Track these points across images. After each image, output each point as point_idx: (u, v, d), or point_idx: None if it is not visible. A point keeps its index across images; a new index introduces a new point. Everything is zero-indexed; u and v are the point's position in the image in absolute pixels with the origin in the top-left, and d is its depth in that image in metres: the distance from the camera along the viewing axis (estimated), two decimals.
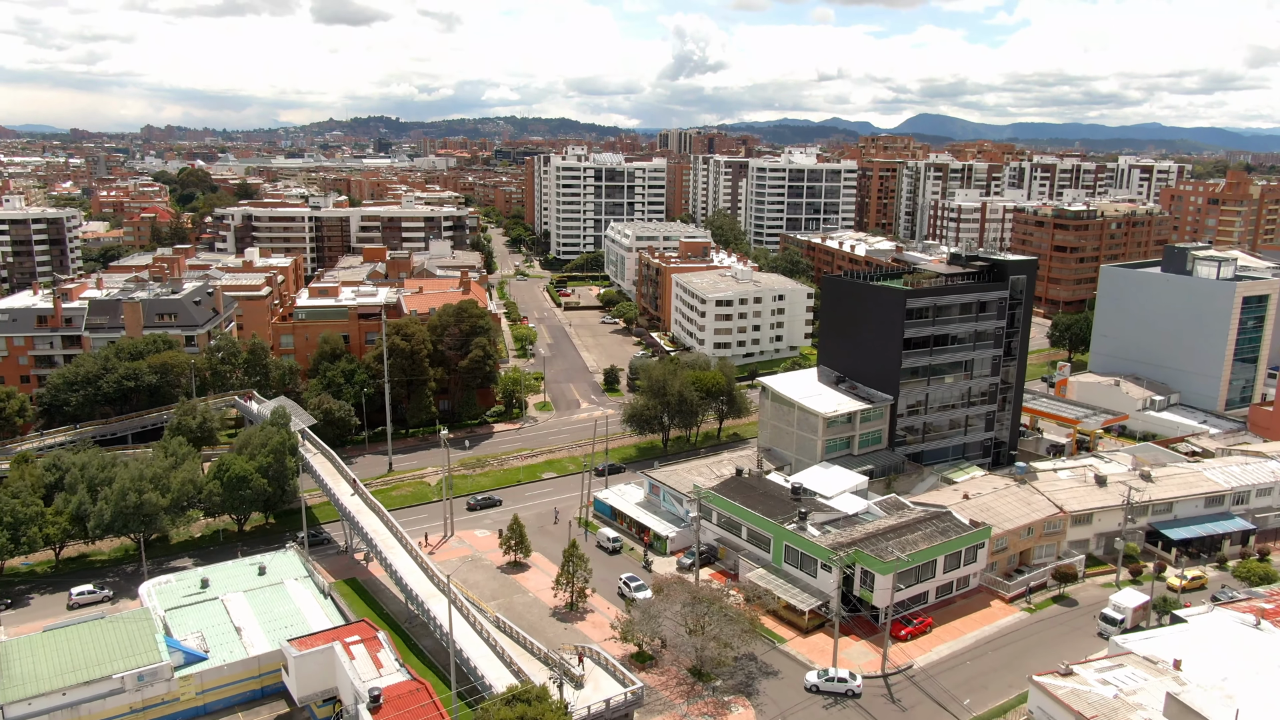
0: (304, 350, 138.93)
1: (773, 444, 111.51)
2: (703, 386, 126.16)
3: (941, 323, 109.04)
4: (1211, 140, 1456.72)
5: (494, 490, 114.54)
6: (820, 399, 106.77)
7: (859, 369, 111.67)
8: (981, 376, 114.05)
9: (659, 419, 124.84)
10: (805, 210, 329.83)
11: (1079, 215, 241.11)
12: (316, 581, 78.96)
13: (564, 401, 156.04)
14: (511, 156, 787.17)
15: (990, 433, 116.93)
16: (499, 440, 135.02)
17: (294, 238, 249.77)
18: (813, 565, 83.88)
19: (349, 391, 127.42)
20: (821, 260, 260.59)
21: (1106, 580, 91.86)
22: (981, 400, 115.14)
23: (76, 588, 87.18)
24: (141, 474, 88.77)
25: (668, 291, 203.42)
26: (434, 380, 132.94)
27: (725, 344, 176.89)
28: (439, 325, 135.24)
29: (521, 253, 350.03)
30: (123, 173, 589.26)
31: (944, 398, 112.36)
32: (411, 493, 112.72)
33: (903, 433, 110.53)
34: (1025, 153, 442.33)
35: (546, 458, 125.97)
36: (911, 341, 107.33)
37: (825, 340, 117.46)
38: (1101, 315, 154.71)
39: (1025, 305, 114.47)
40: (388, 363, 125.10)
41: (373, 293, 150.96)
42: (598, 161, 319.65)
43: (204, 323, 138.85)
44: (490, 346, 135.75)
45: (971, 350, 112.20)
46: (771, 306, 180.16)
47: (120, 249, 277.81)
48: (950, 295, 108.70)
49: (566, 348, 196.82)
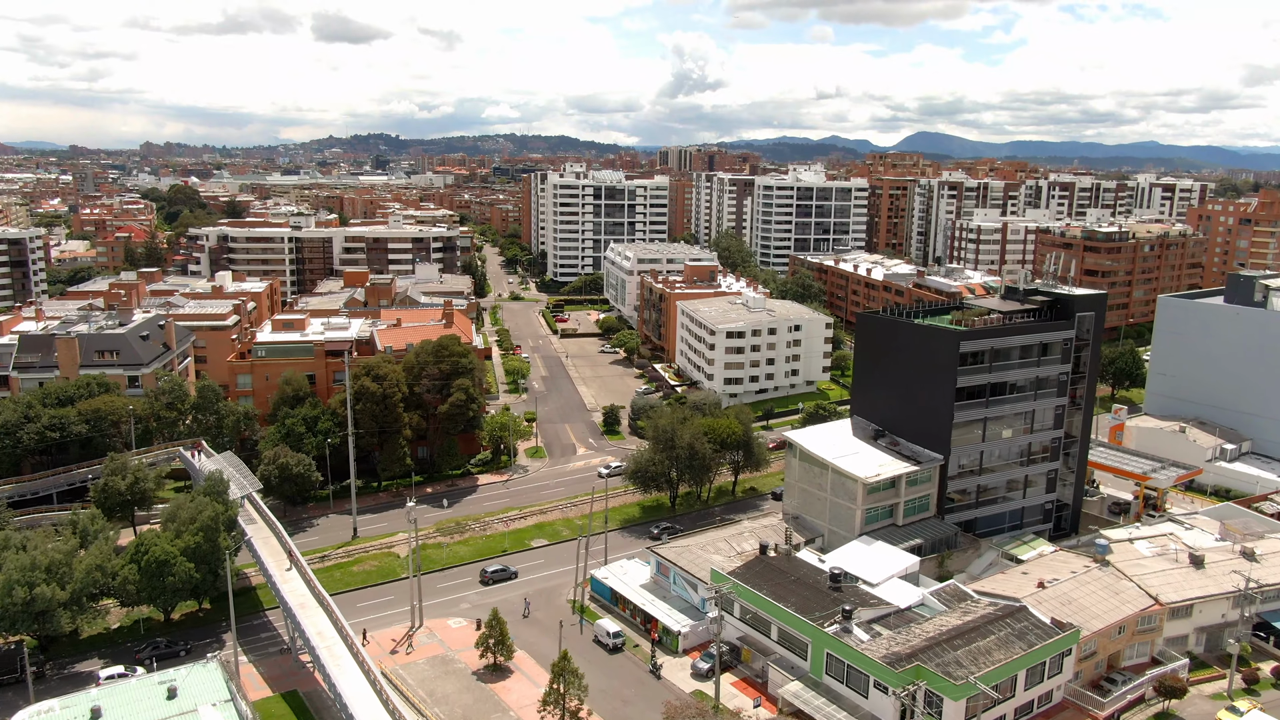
0: (264, 392, 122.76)
1: (801, 511, 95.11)
2: (716, 437, 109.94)
3: (1000, 368, 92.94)
4: (1209, 158, 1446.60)
5: (478, 562, 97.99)
6: (858, 459, 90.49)
7: (901, 421, 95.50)
8: (1043, 430, 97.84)
9: (666, 475, 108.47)
10: (814, 230, 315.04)
11: (1110, 237, 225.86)
12: (240, 710, 62.37)
13: (559, 446, 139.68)
14: (510, 174, 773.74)
15: (1051, 494, 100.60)
16: (484, 496, 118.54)
17: (273, 260, 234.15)
18: (862, 681, 67.41)
19: (310, 442, 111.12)
20: (835, 284, 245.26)
21: (1216, 690, 75.34)
22: (1043, 457, 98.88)
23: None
24: (35, 562, 72.33)
25: (672, 320, 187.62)
26: (409, 428, 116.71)
27: (736, 379, 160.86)
28: (416, 365, 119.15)
29: (517, 274, 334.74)
30: (111, 189, 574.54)
31: (1001, 456, 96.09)
32: (377, 568, 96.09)
33: (953, 496, 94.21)
34: (1039, 170, 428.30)
35: (536, 519, 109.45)
36: (965, 390, 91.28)
37: (860, 386, 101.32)
38: (1159, 351, 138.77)
39: (1093, 348, 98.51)
40: (354, 409, 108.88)
41: (344, 325, 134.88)
42: (597, 179, 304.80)
43: (151, 361, 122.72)
44: (474, 388, 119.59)
45: (1033, 400, 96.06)
46: (787, 338, 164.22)
47: (91, 271, 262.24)
48: (1010, 336, 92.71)
49: (562, 381, 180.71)
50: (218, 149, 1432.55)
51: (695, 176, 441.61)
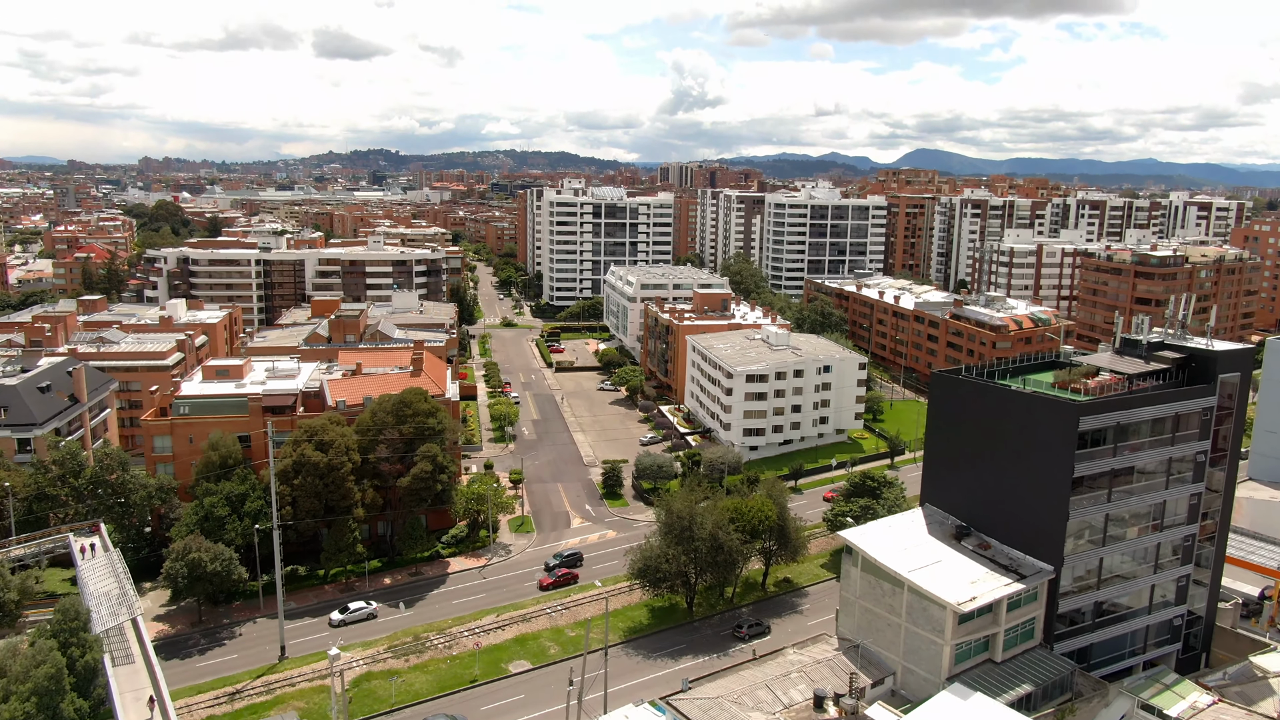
0: (188, 457, 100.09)
1: (864, 636, 72.29)
2: (745, 523, 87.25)
3: (1125, 449, 70.57)
4: (1208, 176, 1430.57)
5: (439, 699, 75.10)
6: (942, 573, 67.86)
7: (992, 515, 72.97)
8: (1174, 525, 75.27)
9: (683, 575, 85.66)
10: (829, 251, 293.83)
11: (1165, 261, 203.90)
12: None
13: (549, 515, 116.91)
14: (508, 190, 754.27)
15: (1181, 606, 77.89)
16: (455, 588, 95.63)
17: (238, 284, 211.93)
18: None
19: (234, 527, 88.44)
20: (857, 313, 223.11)
21: None
22: (1172, 560, 76.31)
23: None
24: None
25: (681, 356, 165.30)
26: (361, 506, 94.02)
27: (757, 430, 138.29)
28: (372, 426, 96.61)
29: (511, 296, 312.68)
30: (92, 205, 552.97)
31: (1125, 561, 73.52)
32: (303, 711, 72.86)
33: (1064, 617, 71.55)
34: (1061, 188, 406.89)
35: (518, 629, 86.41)
36: (1080, 479, 68.88)
37: (936, 466, 78.72)
38: (1267, 404, 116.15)
39: (1236, 419, 76.18)
40: (293, 484, 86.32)
41: (292, 372, 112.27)
42: (596, 196, 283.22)
43: (48, 419, 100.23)
44: (444, 455, 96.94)
45: (1164, 489, 73.64)
46: (815, 381, 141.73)
47: (46, 294, 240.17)
48: (1140, 408, 70.32)
49: (556, 425, 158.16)
50: (216, 164, 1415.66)
51: (700, 194, 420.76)
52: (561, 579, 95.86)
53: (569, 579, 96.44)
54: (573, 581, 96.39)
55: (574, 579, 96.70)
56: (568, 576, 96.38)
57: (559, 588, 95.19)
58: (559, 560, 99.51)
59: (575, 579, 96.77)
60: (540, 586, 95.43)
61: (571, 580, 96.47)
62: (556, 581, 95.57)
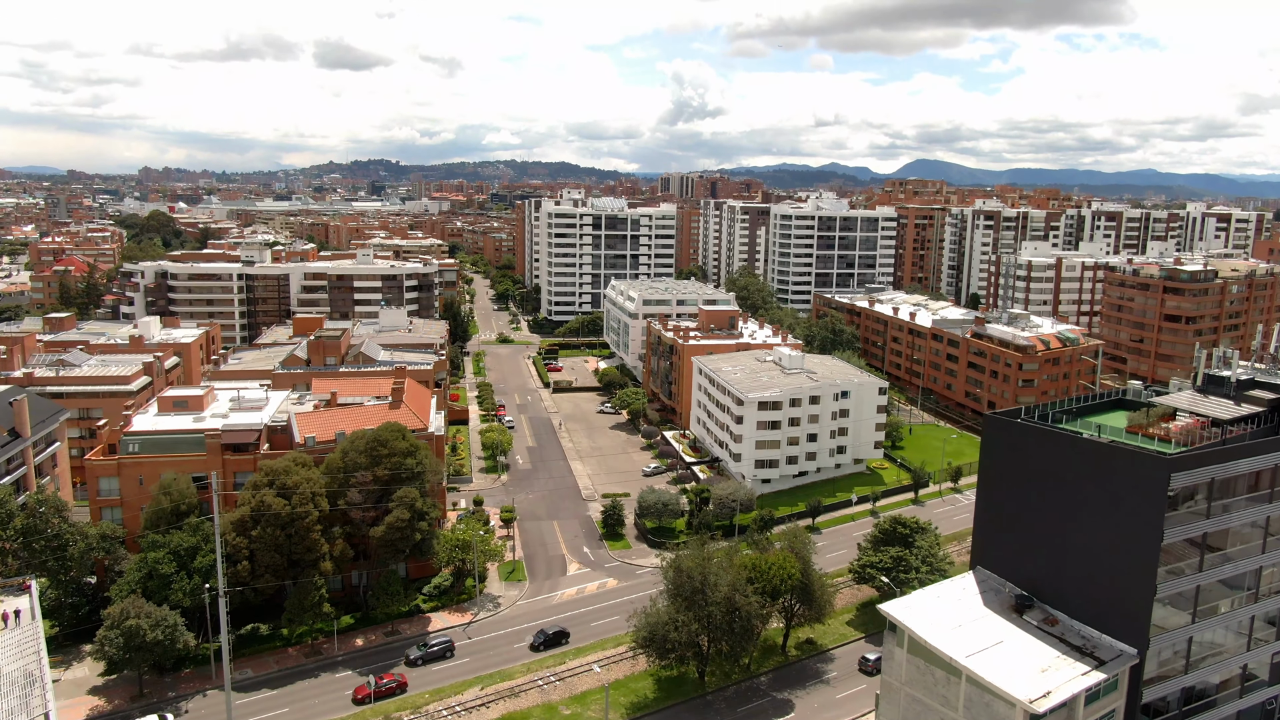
0: (137, 501, 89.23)
1: None
2: (765, 583, 76.30)
3: (1220, 510, 59.79)
4: (1207, 186, 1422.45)
5: None
6: (1004, 658, 56.93)
7: (1060, 584, 62.07)
8: (1270, 596, 64.48)
9: (694, 644, 74.63)
10: (837, 264, 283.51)
11: (1195, 276, 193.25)
12: None
13: (543, 560, 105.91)
14: (508, 200, 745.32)
15: (1276, 687, 66.93)
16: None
17: (219, 300, 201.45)
18: None
19: (182, 586, 77.54)
20: (869, 329, 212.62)
21: None
22: (1267, 635, 65.42)
23: None
24: None
25: (686, 377, 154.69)
26: (329, 559, 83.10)
27: (770, 461, 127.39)
28: (342, 468, 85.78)
29: (509, 310, 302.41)
30: (82, 215, 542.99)
31: (1217, 640, 62.65)
32: None
33: (1147, 708, 60.57)
34: (1073, 198, 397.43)
35: (505, 705, 75.30)
36: (1170, 544, 58.03)
37: (991, 524, 67.81)
38: None
39: None
40: (250, 536, 75.41)
41: (259, 403, 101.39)
42: (596, 207, 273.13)
43: None
44: (423, 500, 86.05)
45: (1259, 553, 62.84)
46: (833, 408, 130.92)
47: (21, 310, 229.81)
48: (1238, 460, 59.55)
49: (552, 453, 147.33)
50: (216, 174, 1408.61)
51: (703, 205, 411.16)
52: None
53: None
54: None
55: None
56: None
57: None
58: (543, 638, 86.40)
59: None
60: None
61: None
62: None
